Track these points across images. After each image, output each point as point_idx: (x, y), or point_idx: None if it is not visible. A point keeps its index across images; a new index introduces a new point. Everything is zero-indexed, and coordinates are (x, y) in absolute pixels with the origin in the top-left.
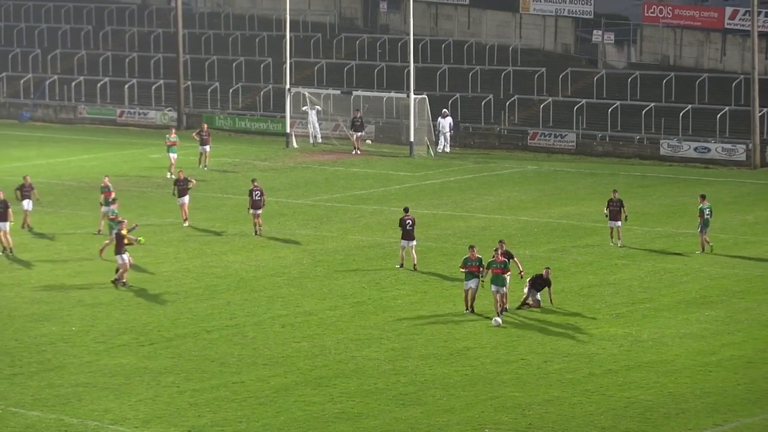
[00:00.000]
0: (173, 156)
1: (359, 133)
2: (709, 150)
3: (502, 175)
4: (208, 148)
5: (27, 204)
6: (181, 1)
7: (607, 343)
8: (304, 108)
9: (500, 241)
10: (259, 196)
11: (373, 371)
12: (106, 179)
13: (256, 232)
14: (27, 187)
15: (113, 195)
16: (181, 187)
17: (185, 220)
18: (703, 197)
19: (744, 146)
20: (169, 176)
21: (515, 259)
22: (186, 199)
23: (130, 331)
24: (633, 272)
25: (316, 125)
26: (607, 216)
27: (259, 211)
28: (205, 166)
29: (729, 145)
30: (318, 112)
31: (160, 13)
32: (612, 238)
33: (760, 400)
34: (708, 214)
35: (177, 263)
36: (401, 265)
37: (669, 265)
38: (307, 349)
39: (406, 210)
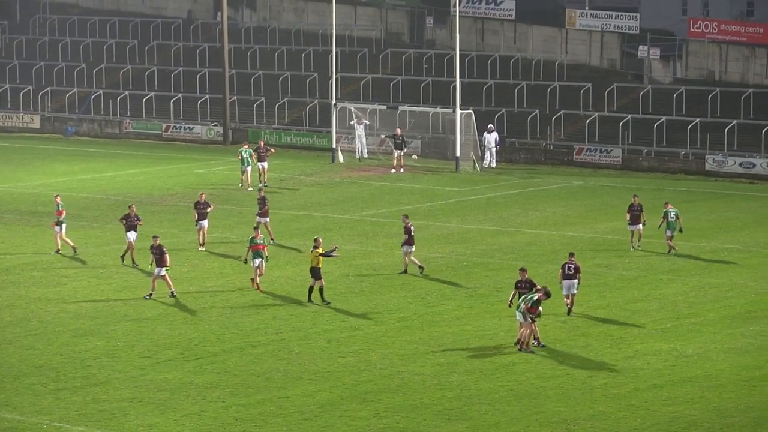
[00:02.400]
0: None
1: (399, 152)
2: (755, 165)
3: (547, 191)
4: (266, 164)
5: (132, 236)
6: (227, 16)
7: (652, 358)
8: (351, 122)
9: (521, 269)
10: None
11: (419, 386)
12: (58, 198)
13: (272, 240)
14: (133, 217)
15: (64, 214)
16: (201, 210)
17: (202, 244)
18: (667, 204)
19: None
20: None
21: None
22: (205, 223)
23: (176, 346)
24: (678, 287)
25: (363, 140)
26: (628, 221)
27: (267, 219)
28: (265, 182)
29: None
30: (366, 127)
31: (206, 27)
32: (632, 242)
33: None
34: (672, 218)
35: (222, 278)
36: (405, 271)
37: (714, 280)
38: (353, 364)
39: (406, 216)
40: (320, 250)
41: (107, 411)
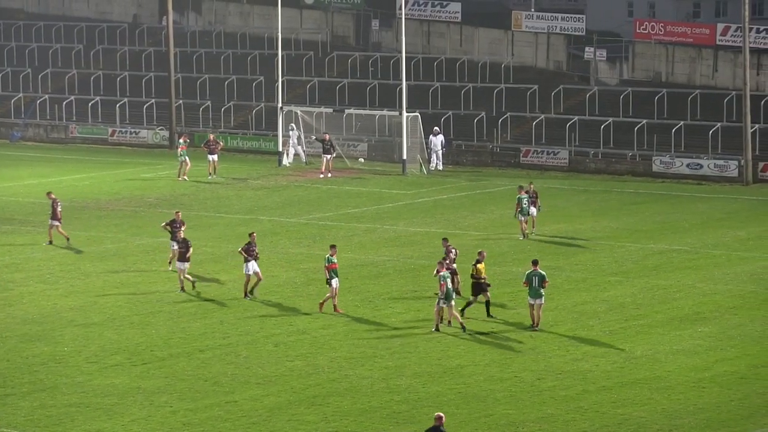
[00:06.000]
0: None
1: (328, 156)
2: (702, 166)
3: (494, 193)
4: (216, 157)
5: (253, 267)
6: (173, 20)
7: (600, 360)
8: (290, 133)
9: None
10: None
11: (367, 390)
12: None
13: (51, 242)
14: (254, 246)
15: None
16: (177, 229)
17: (171, 263)
18: (521, 188)
19: (736, 162)
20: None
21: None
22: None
23: (123, 351)
24: (626, 289)
25: (297, 146)
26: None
27: (57, 223)
28: (212, 174)
29: (721, 162)
30: (299, 138)
31: (152, 31)
32: (523, 229)
33: (753, 415)
34: (526, 204)
35: (169, 282)
36: (182, 289)
37: (662, 282)
38: (301, 368)
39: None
40: (479, 267)
41: (55, 416)
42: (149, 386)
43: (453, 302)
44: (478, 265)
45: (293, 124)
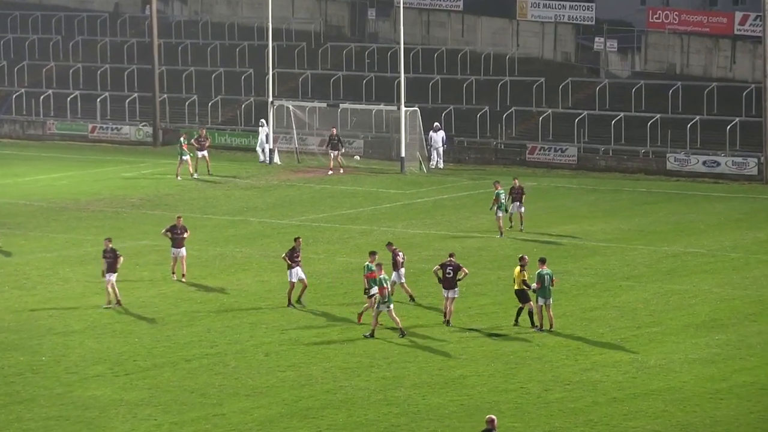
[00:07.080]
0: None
1: (335, 152)
2: (719, 164)
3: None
4: (206, 153)
5: (297, 273)
6: (156, 9)
7: (611, 369)
8: (259, 129)
9: (450, 254)
10: None
11: (363, 402)
12: None
13: None
14: (298, 252)
15: None
16: (178, 236)
17: (176, 273)
18: (497, 183)
19: (755, 160)
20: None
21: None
22: (183, 251)
23: (105, 361)
24: (638, 294)
25: (264, 144)
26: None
27: None
28: (203, 171)
29: (739, 159)
30: (267, 135)
31: (134, 21)
32: (508, 225)
33: None
34: (503, 199)
35: (153, 288)
36: (109, 303)
37: (676, 287)
38: (293, 378)
39: (109, 240)
40: (526, 274)
41: (32, 430)
42: (132, 398)
43: (392, 306)
44: (525, 272)
45: (263, 120)
